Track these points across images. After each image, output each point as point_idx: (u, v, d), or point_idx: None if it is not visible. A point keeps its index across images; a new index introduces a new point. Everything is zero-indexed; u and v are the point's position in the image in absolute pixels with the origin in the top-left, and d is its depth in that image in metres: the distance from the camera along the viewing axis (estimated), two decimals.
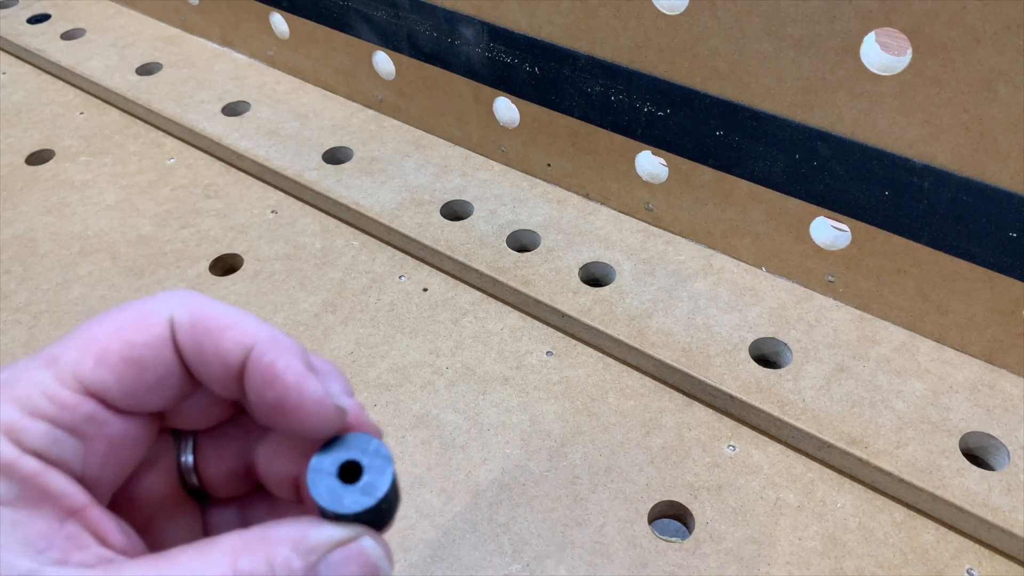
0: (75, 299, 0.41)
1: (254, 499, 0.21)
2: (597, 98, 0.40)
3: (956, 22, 0.28)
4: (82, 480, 0.17)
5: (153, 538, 0.19)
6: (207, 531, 0.20)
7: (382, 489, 0.17)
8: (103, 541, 0.17)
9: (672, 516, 0.33)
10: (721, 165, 0.38)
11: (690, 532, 0.31)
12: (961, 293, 0.34)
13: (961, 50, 0.29)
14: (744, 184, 0.38)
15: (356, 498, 0.17)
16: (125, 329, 0.17)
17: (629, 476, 0.33)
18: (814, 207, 0.36)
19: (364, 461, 0.17)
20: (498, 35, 0.41)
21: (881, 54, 0.31)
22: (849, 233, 0.36)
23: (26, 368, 0.17)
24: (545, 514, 0.32)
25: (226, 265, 0.44)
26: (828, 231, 0.37)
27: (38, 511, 0.16)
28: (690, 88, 0.36)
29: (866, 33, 0.30)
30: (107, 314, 0.18)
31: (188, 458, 0.20)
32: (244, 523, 0.21)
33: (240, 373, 0.17)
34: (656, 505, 0.32)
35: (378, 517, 0.17)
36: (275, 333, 0.17)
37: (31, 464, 0.16)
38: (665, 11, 0.35)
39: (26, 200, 0.48)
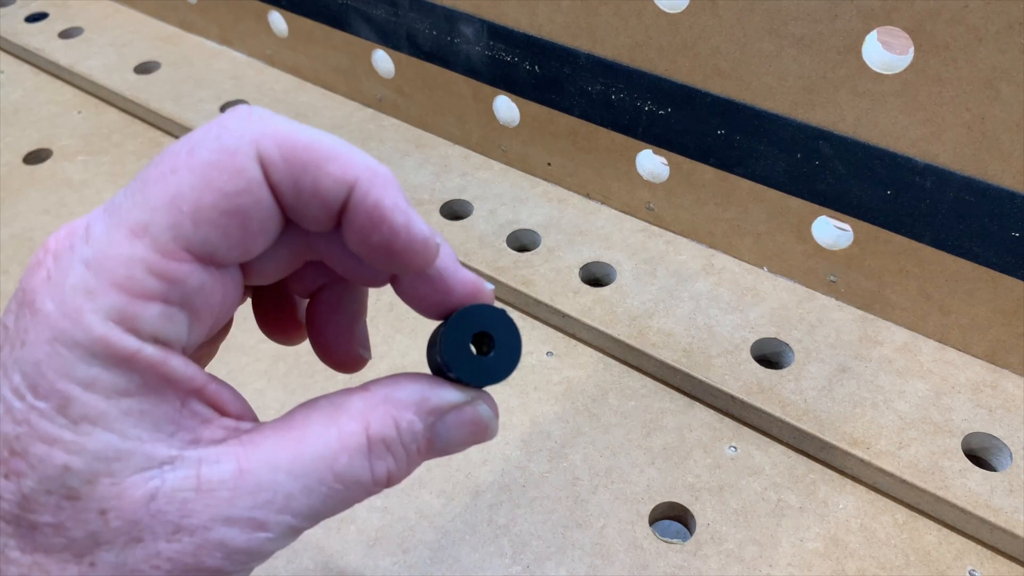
0: None
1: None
2: (598, 97, 0.40)
3: (958, 21, 0.28)
4: (190, 350, 0.17)
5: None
6: None
7: (513, 365, 0.18)
8: (223, 412, 0.17)
9: (673, 517, 0.33)
10: (722, 164, 0.38)
11: (691, 533, 0.31)
12: (963, 293, 0.34)
13: (963, 49, 0.28)
14: (745, 183, 0.37)
15: (490, 372, 0.18)
16: (213, 178, 0.15)
17: (630, 477, 0.33)
18: (816, 206, 0.36)
19: (495, 335, 0.18)
20: (498, 33, 0.41)
21: (883, 53, 0.31)
22: (851, 233, 0.36)
23: (111, 243, 0.15)
24: (545, 515, 0.32)
25: None
26: (830, 231, 0.37)
27: (162, 396, 0.16)
28: (691, 87, 0.36)
29: (868, 32, 0.30)
30: (172, 158, 0.15)
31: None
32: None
33: (340, 211, 0.16)
34: (657, 506, 0.32)
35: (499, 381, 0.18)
36: (372, 163, 0.16)
37: (152, 353, 0.15)
38: (666, 9, 0.35)
39: (24, 200, 0.48)
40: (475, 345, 0.18)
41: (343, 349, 0.21)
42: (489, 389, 0.19)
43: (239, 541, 0.16)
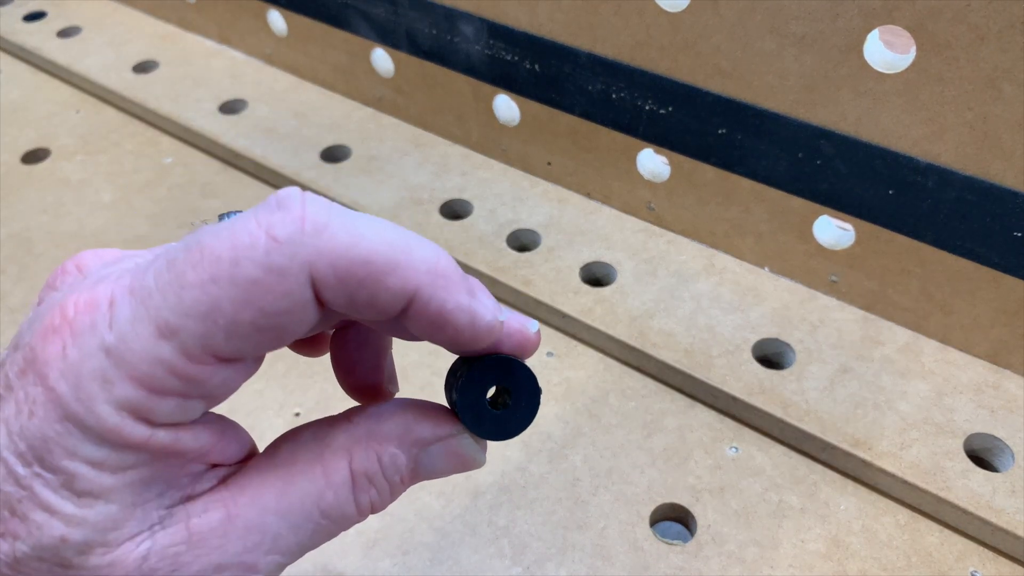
0: None
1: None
2: (598, 96, 0.40)
3: (960, 20, 0.28)
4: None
5: None
6: None
7: (526, 425, 0.18)
8: (223, 463, 0.17)
9: (674, 518, 0.33)
10: (723, 164, 0.38)
11: (692, 535, 0.31)
12: (965, 293, 0.34)
13: (965, 48, 0.28)
14: (747, 183, 0.37)
15: (501, 429, 0.18)
16: (256, 298, 0.15)
17: (630, 478, 0.33)
18: (817, 206, 0.36)
19: (515, 390, 0.18)
20: (498, 32, 0.41)
21: (885, 52, 0.31)
22: (852, 232, 0.36)
23: (136, 337, 0.15)
24: (545, 517, 0.32)
25: None
26: (831, 230, 0.37)
27: (167, 465, 0.16)
28: (692, 86, 0.36)
29: (869, 31, 0.30)
30: (214, 265, 0.15)
31: None
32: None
33: (400, 314, 0.16)
34: (658, 507, 0.32)
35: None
36: (432, 264, 0.16)
37: (163, 437, 0.15)
38: (667, 8, 0.35)
39: (22, 199, 0.48)
40: (494, 395, 0.18)
41: (369, 383, 0.21)
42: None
43: None
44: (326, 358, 0.22)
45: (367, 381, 0.21)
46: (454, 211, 0.44)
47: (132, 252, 0.18)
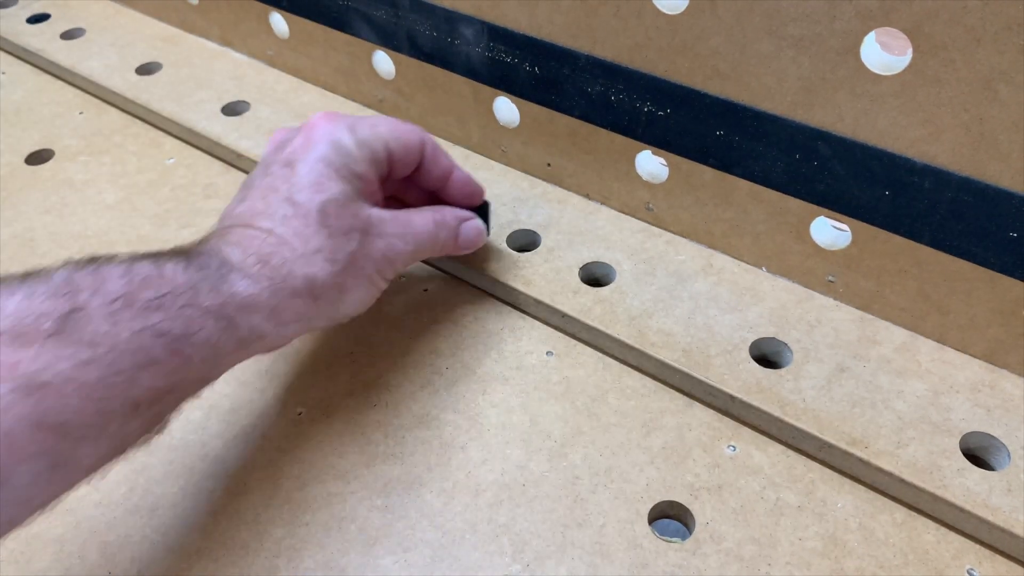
0: None
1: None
2: (597, 98, 0.40)
3: (957, 22, 0.28)
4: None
5: None
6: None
7: (489, 223, 0.40)
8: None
9: (672, 516, 0.33)
10: (721, 165, 0.38)
11: (690, 532, 0.31)
12: (962, 293, 0.34)
13: (961, 50, 0.29)
14: (744, 184, 0.38)
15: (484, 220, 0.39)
16: (408, 143, 0.35)
17: (629, 476, 0.33)
18: (814, 207, 0.36)
19: (487, 211, 0.40)
20: (498, 34, 0.41)
21: (881, 54, 0.31)
22: (849, 233, 0.36)
23: (355, 123, 0.34)
24: (545, 514, 0.32)
25: None
26: (829, 231, 0.37)
27: (371, 192, 0.34)
28: (690, 88, 0.36)
29: (866, 33, 0.30)
30: (392, 121, 0.35)
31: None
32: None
33: (442, 181, 0.38)
34: (656, 505, 0.32)
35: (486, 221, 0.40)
36: (460, 172, 0.38)
37: (370, 172, 0.34)
38: (665, 11, 0.35)
39: (25, 200, 0.48)
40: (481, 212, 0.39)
41: (463, 194, 0.39)
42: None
43: (401, 247, 0.34)
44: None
45: (463, 193, 0.39)
46: None
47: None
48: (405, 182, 0.38)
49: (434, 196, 0.38)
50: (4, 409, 0.21)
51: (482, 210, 0.39)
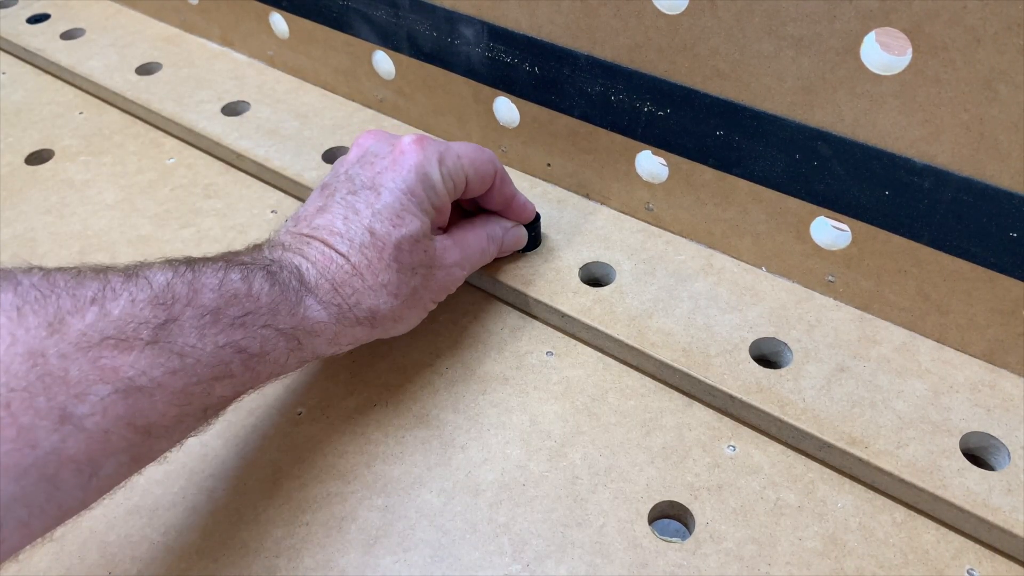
0: None
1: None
2: (597, 98, 0.40)
3: (956, 22, 0.28)
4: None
5: None
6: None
7: (537, 233, 0.41)
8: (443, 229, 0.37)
9: (672, 516, 0.33)
10: (721, 165, 0.38)
11: (690, 532, 0.31)
12: (962, 293, 0.34)
13: (961, 50, 0.29)
14: (744, 184, 0.38)
15: (533, 235, 0.41)
16: (484, 175, 0.36)
17: (629, 476, 0.33)
18: (814, 207, 0.36)
19: (537, 221, 0.41)
20: (498, 35, 0.41)
21: (881, 54, 0.31)
22: (849, 233, 0.36)
23: (444, 153, 0.35)
24: (545, 514, 0.32)
25: None
26: (828, 231, 0.37)
27: (443, 218, 0.36)
28: (690, 88, 0.36)
29: (866, 33, 0.30)
30: (473, 150, 0.36)
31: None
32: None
33: (503, 206, 0.39)
34: (656, 505, 0.32)
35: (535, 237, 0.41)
36: (521, 198, 0.39)
37: (448, 203, 0.35)
38: (665, 11, 0.35)
39: (26, 200, 0.48)
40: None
41: (519, 216, 0.40)
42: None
43: (459, 274, 0.36)
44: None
45: (519, 214, 0.40)
46: None
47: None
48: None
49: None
50: (106, 409, 0.24)
51: (532, 221, 0.40)
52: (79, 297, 0.24)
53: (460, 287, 0.42)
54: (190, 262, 0.28)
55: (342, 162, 0.35)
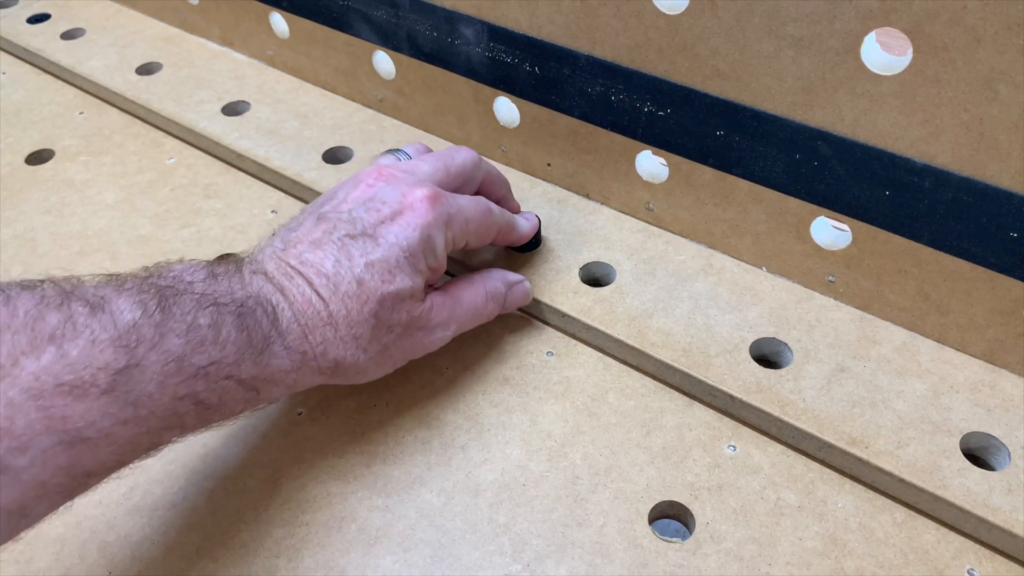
0: None
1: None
2: (597, 98, 0.40)
3: (956, 22, 0.28)
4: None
5: None
6: None
7: (537, 234, 0.41)
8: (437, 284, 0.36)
9: (672, 516, 0.33)
10: (721, 165, 0.38)
11: (690, 532, 0.31)
12: (962, 293, 0.34)
13: (961, 50, 0.29)
14: (744, 184, 0.38)
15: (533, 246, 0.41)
16: (485, 236, 0.36)
17: (629, 476, 0.33)
18: (814, 207, 0.36)
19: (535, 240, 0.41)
20: (498, 35, 0.41)
21: (881, 54, 0.31)
22: (849, 233, 0.36)
23: (453, 217, 0.34)
24: (545, 514, 0.32)
25: None
26: (828, 231, 0.37)
27: (437, 275, 0.34)
28: (690, 88, 0.36)
29: (866, 33, 0.30)
30: (481, 214, 0.35)
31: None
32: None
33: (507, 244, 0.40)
34: (656, 505, 0.32)
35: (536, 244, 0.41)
36: (525, 230, 0.39)
37: (444, 263, 0.34)
38: (665, 11, 0.35)
39: (26, 200, 0.48)
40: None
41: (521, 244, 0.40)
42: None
43: (441, 336, 0.34)
44: None
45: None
46: None
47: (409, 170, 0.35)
48: None
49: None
50: (46, 461, 0.23)
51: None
52: (37, 333, 0.23)
53: None
54: (162, 296, 0.26)
55: (347, 196, 0.33)
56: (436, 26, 0.44)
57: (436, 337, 0.34)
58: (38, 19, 0.63)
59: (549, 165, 0.45)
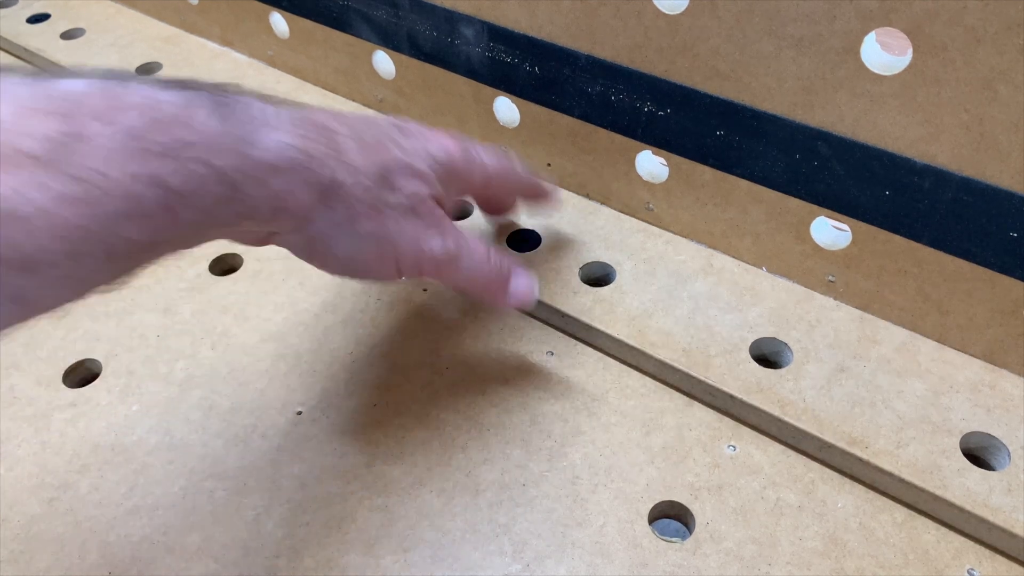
0: None
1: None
2: (597, 98, 0.40)
3: (956, 22, 0.28)
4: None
5: None
6: None
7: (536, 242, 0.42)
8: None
9: (672, 516, 0.33)
10: (721, 165, 0.38)
11: (690, 532, 0.31)
12: (962, 293, 0.34)
13: (961, 50, 0.29)
14: (744, 184, 0.38)
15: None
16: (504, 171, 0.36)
17: (629, 476, 0.33)
18: (814, 207, 0.36)
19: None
20: (498, 35, 0.41)
21: (882, 54, 0.31)
22: (849, 233, 0.36)
23: (431, 139, 0.34)
24: (545, 514, 0.32)
25: (226, 265, 0.44)
26: (828, 231, 0.37)
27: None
28: (690, 88, 0.36)
29: (866, 33, 0.30)
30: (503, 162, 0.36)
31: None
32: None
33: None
34: (656, 505, 0.32)
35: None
36: (534, 181, 0.39)
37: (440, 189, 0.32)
38: (665, 11, 0.35)
39: None
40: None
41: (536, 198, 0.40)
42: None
43: (445, 246, 0.32)
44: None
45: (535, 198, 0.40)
46: (455, 212, 0.45)
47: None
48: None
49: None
50: None
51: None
52: None
53: None
54: (124, 77, 0.23)
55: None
56: (436, 26, 0.44)
57: (434, 244, 0.31)
58: (38, 19, 0.63)
59: (549, 165, 0.45)
